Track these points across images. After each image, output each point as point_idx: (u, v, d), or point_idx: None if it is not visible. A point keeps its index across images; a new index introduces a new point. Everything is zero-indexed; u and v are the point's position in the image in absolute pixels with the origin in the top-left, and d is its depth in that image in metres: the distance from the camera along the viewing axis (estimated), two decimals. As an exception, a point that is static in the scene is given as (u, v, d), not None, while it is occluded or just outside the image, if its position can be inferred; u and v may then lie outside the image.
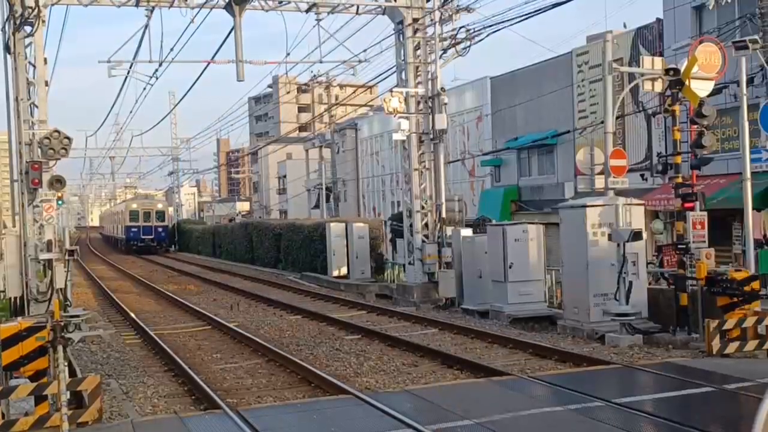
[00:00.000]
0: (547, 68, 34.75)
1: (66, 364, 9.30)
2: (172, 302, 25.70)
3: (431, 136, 22.95)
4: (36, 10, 18.52)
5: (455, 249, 21.24)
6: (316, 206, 57.77)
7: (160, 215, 64.39)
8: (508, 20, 21.09)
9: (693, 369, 11.72)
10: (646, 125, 29.10)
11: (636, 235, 14.33)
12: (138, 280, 35.57)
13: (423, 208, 23.33)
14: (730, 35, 21.80)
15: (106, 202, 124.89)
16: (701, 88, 14.98)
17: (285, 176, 73.12)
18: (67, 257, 16.89)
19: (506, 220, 27.34)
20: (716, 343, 12.48)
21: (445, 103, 22.65)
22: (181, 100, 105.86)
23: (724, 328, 12.56)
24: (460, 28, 22.93)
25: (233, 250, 48.19)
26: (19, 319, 10.56)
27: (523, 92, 35.80)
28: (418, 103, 23.01)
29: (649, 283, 16.10)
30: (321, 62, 25.91)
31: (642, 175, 28.36)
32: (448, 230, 22.52)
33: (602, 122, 18.04)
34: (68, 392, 9.05)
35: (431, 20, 22.88)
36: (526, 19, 20.59)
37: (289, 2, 22.49)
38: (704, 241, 14.50)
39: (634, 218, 15.21)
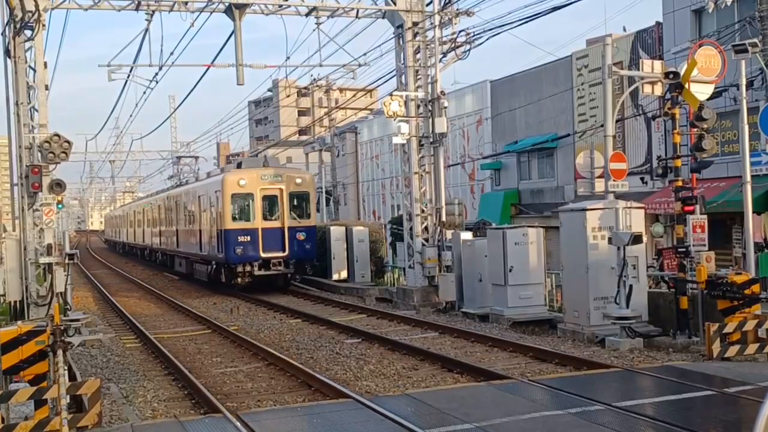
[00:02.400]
0: (547, 72, 34.78)
1: (66, 368, 9.30)
2: (172, 306, 25.70)
3: (431, 140, 22.95)
4: (36, 14, 18.55)
5: (455, 252, 21.23)
6: (317, 210, 57.69)
7: (301, 202, 28.78)
8: (508, 24, 21.14)
9: (693, 372, 11.72)
10: (645, 128, 29.11)
11: (636, 239, 14.33)
12: (138, 283, 35.56)
13: (423, 211, 23.33)
14: (729, 38, 21.80)
15: (106, 206, 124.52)
16: (701, 91, 15.00)
17: (285, 180, 72.80)
18: (67, 261, 16.88)
19: (506, 224, 27.33)
20: (716, 347, 12.48)
21: (445, 107, 22.67)
22: (181, 103, 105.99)
23: (725, 331, 12.56)
24: (460, 31, 23.00)
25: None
26: (19, 323, 10.55)
27: (523, 96, 35.83)
28: (418, 106, 23.02)
29: (650, 287, 16.09)
30: (321, 66, 26.05)
31: (642, 179, 28.39)
32: (448, 233, 22.52)
33: (602, 125, 18.04)
34: (68, 396, 9.05)
35: (431, 24, 22.90)
36: (526, 22, 20.62)
37: (289, 6, 22.53)
38: (704, 245, 14.52)
39: (634, 221, 15.20)
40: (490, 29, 22.06)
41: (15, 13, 18.38)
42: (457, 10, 22.86)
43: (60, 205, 20.38)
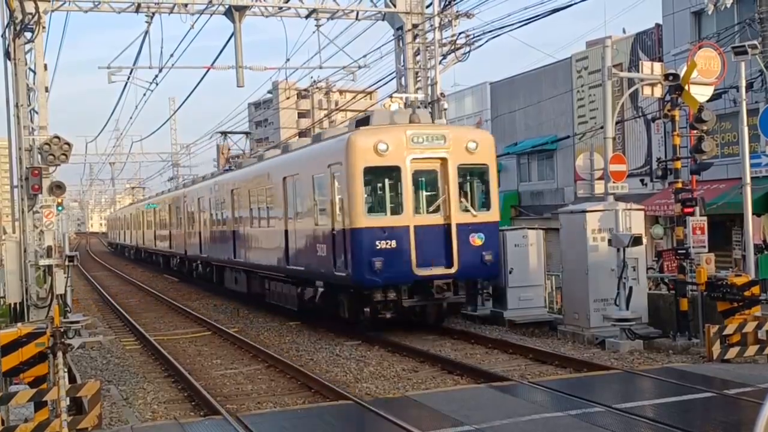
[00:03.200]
0: (547, 73, 34.81)
1: (66, 370, 9.30)
2: (173, 308, 25.69)
3: (431, 142, 22.92)
4: (36, 16, 18.57)
5: (455, 254, 21.16)
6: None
7: (477, 182, 17.00)
8: (507, 26, 21.15)
9: (693, 374, 11.72)
10: (645, 130, 29.14)
11: (636, 240, 14.34)
12: (138, 285, 35.55)
13: (423, 213, 23.26)
14: (729, 40, 21.81)
15: (106, 208, 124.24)
16: (701, 93, 15.00)
17: (285, 181, 72.30)
18: (67, 263, 16.90)
19: (506, 226, 27.32)
20: (716, 348, 12.49)
21: (445, 109, 22.66)
22: (180, 105, 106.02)
23: (725, 333, 12.57)
24: (460, 33, 23.02)
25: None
26: (19, 325, 10.56)
27: (523, 97, 35.85)
28: (418, 108, 23.01)
29: (650, 288, 16.10)
30: (321, 68, 25.95)
31: (642, 180, 28.41)
32: (448, 235, 22.44)
33: (602, 127, 18.05)
34: (68, 398, 9.06)
35: (431, 26, 22.91)
36: (526, 24, 20.63)
37: (289, 8, 22.53)
38: (704, 246, 14.51)
39: (634, 223, 15.20)
40: (490, 31, 22.11)
41: (15, 15, 18.39)
42: (457, 12, 22.89)
43: (60, 207, 20.41)
